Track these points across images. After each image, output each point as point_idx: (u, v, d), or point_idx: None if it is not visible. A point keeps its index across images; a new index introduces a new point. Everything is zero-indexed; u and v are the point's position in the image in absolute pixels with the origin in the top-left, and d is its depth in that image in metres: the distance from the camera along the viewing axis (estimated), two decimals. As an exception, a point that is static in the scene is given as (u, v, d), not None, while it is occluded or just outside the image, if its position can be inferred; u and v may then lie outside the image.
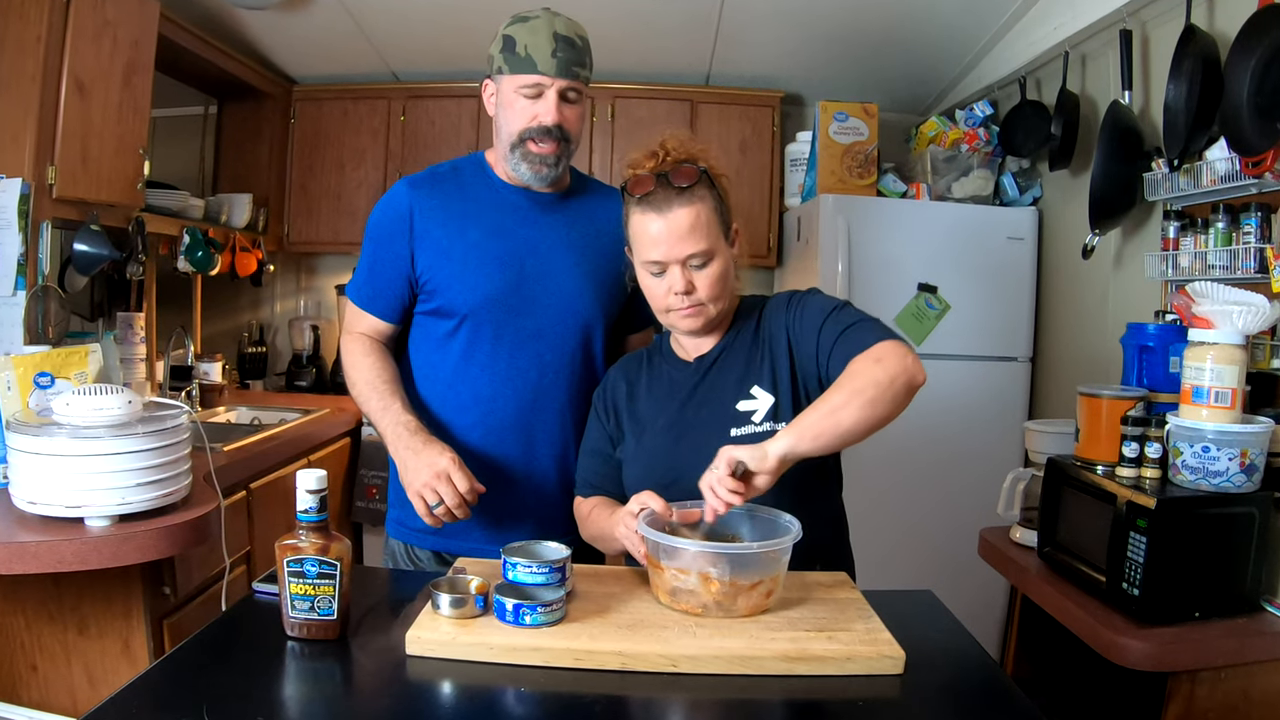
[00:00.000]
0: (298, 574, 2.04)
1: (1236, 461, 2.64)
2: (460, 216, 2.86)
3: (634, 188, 2.49)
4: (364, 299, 2.95)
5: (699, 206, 2.44)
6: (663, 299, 2.52)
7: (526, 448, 2.89)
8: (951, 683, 2.05)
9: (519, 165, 2.81)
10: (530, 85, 2.75)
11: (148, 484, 2.86)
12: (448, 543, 2.93)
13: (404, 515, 2.96)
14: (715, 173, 2.54)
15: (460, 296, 2.82)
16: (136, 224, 4.55)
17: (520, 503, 2.90)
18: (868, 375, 2.26)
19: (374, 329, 2.95)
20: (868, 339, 2.37)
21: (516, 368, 2.85)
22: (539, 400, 2.88)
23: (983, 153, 5.47)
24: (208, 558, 3.53)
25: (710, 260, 2.47)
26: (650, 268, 2.51)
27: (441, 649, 1.99)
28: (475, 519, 2.77)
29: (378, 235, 2.91)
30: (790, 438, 2.21)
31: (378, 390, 2.81)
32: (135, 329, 4.88)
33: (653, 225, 2.45)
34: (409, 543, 3.00)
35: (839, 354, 2.40)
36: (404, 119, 6.34)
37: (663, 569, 2.17)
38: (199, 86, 6.12)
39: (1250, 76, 3.21)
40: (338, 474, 5.56)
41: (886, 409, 2.26)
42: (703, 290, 2.48)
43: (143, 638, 3.15)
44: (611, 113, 6.32)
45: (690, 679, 1.93)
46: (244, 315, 6.90)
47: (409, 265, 2.85)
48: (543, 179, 2.83)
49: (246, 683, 1.89)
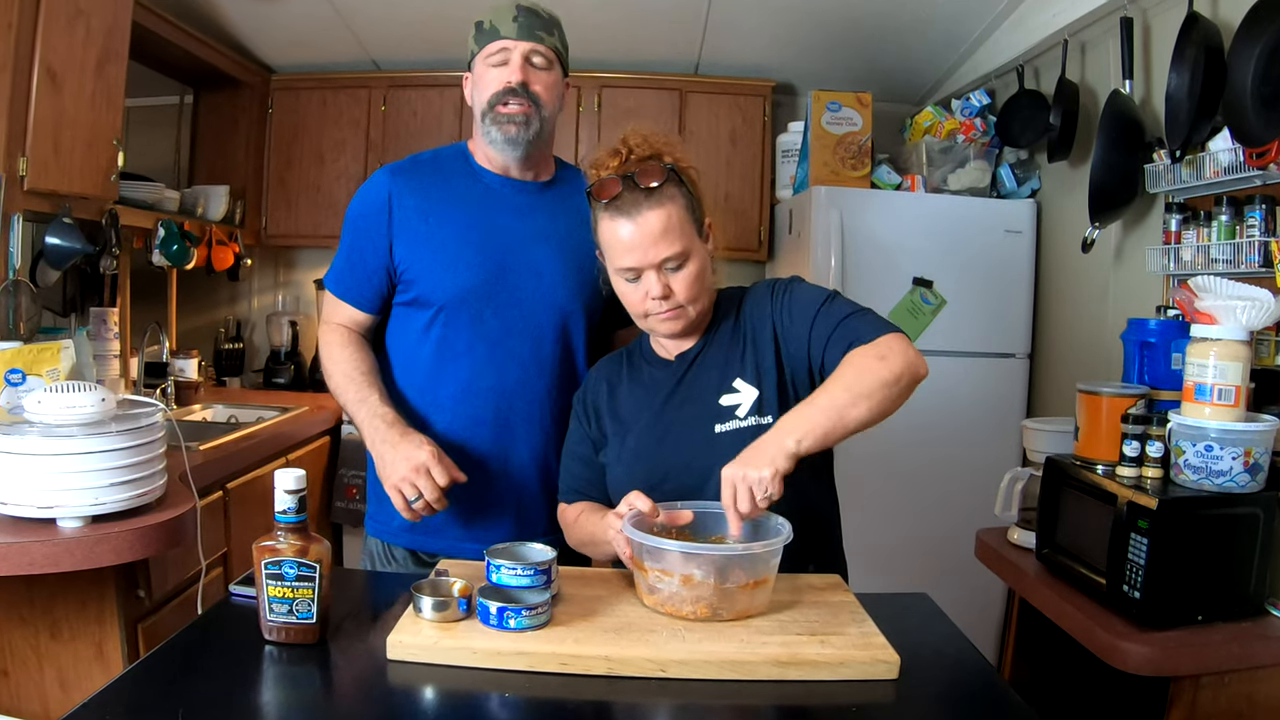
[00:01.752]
0: (276, 576, 2.03)
1: (1240, 461, 2.65)
2: (440, 205, 2.87)
3: (600, 192, 2.47)
4: (342, 289, 2.95)
5: (669, 208, 2.42)
6: (640, 304, 2.51)
7: (505, 442, 2.89)
8: (948, 688, 2.05)
9: (490, 132, 2.83)
10: (495, 52, 2.81)
11: (122, 484, 2.85)
12: (424, 541, 2.94)
13: (379, 512, 2.97)
14: (683, 166, 2.52)
15: (438, 286, 2.83)
16: (110, 217, 4.54)
17: (498, 498, 2.90)
18: (874, 375, 2.26)
19: (352, 320, 2.95)
20: (866, 333, 2.37)
21: (495, 360, 2.85)
22: (518, 393, 2.88)
23: (979, 143, 5.48)
24: (183, 560, 3.53)
25: (686, 261, 2.46)
26: (625, 274, 2.50)
27: (423, 653, 1.99)
28: (453, 515, 2.81)
29: (356, 224, 2.92)
30: (801, 445, 2.19)
31: (355, 382, 2.81)
32: (109, 325, 4.87)
33: (623, 231, 2.44)
34: (386, 540, 3.00)
35: (836, 346, 2.40)
36: (385, 109, 6.32)
37: (648, 571, 2.17)
38: (174, 76, 6.10)
39: (1254, 65, 3.22)
40: (317, 474, 5.54)
41: (892, 407, 2.28)
42: (681, 293, 2.47)
43: (116, 642, 3.14)
44: (598, 102, 6.31)
45: (679, 684, 1.92)
46: (220, 310, 6.90)
47: (387, 254, 2.86)
48: (515, 143, 2.83)
49: (223, 688, 1.89)
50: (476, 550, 2.30)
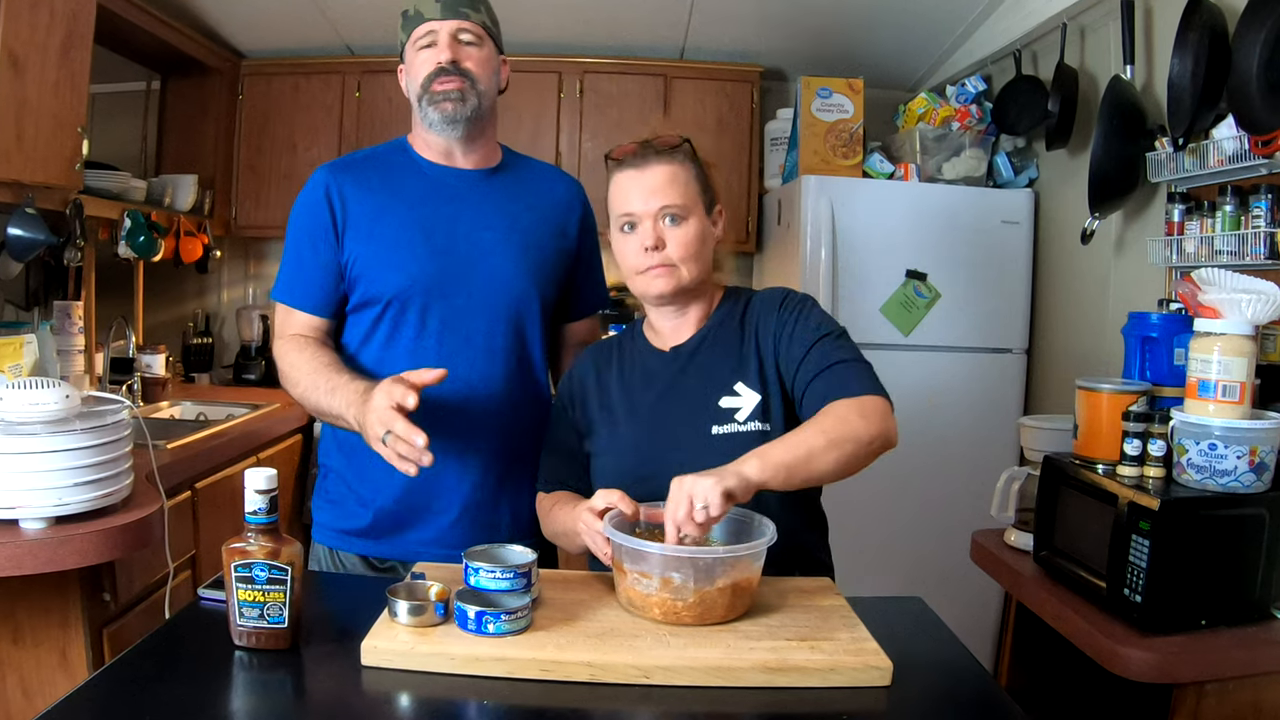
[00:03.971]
0: (246, 580, 2.03)
1: (1245, 460, 2.65)
2: (382, 199, 2.88)
3: (617, 154, 2.59)
4: (293, 295, 2.93)
5: (677, 166, 2.54)
6: (633, 257, 2.56)
7: (461, 436, 2.86)
8: (942, 695, 2.06)
9: (428, 114, 2.85)
10: (422, 36, 2.86)
11: (86, 484, 2.84)
12: (376, 546, 2.94)
13: (328, 518, 3.00)
14: (701, 156, 2.63)
15: (384, 280, 2.83)
16: (74, 207, 4.52)
17: (450, 499, 2.90)
18: (850, 428, 2.33)
19: (307, 327, 2.92)
20: (855, 386, 2.44)
21: (446, 353, 2.84)
22: (471, 387, 2.86)
23: (975, 131, 5.48)
24: (150, 562, 3.52)
25: (685, 219, 2.53)
26: (622, 222, 2.57)
27: (399, 659, 1.98)
28: (409, 518, 2.86)
29: (299, 225, 2.92)
30: (760, 474, 2.20)
31: (323, 375, 2.74)
32: (73, 319, 4.85)
33: (628, 180, 2.54)
34: (333, 547, 3.01)
35: (820, 386, 2.46)
36: (359, 95, 6.32)
37: (628, 573, 2.18)
38: (141, 61, 6.08)
39: (1260, 49, 3.22)
40: (289, 473, 5.55)
41: (855, 467, 2.36)
42: (674, 248, 2.52)
43: (81, 647, 3.13)
44: (580, 88, 6.29)
45: (663, 691, 1.92)
46: (189, 304, 6.88)
47: (334, 252, 2.86)
48: (453, 121, 2.84)
49: (192, 695, 1.88)
50: (435, 556, 2.29)
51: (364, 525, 2.90)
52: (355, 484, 2.94)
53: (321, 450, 3.11)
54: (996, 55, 5.56)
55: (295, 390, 2.84)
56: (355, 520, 2.90)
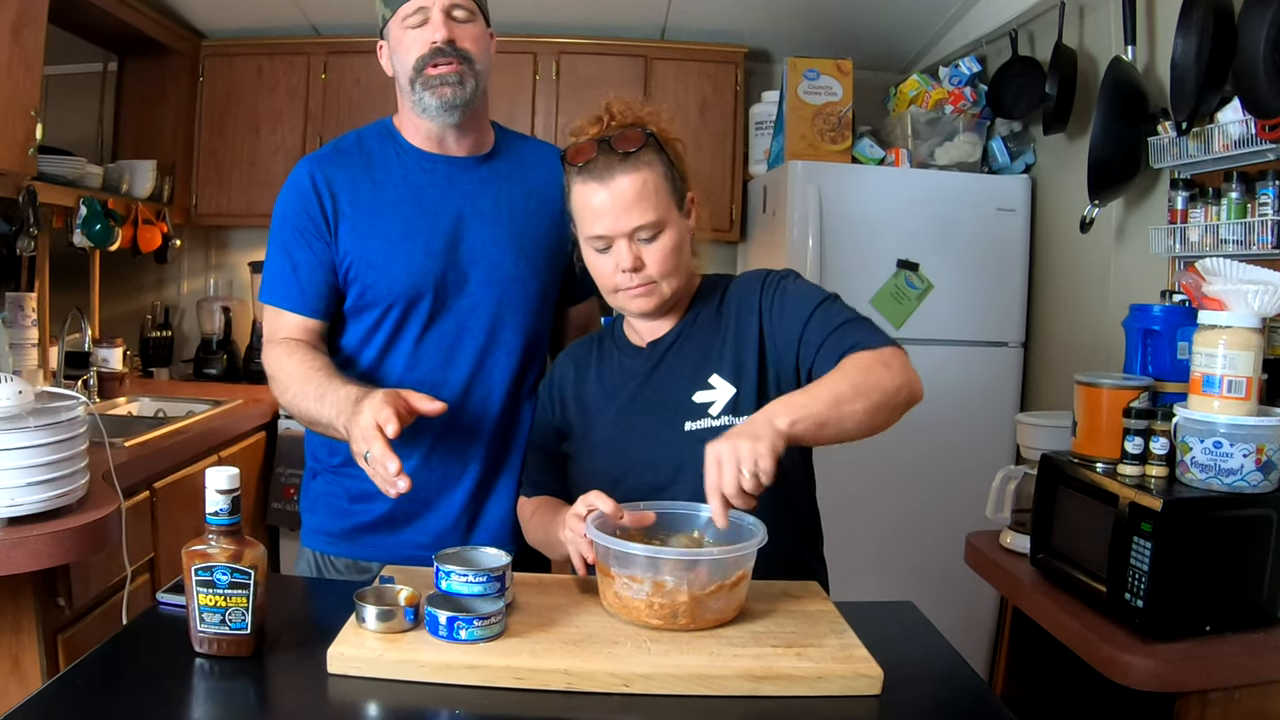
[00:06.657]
0: (207, 584, 2.02)
1: (1252, 458, 2.65)
2: (374, 190, 2.83)
3: (574, 156, 2.48)
4: (281, 296, 2.85)
5: (645, 173, 2.43)
6: (610, 277, 2.51)
7: (458, 437, 2.86)
8: (935, 704, 2.06)
9: (424, 99, 2.77)
10: (412, 12, 2.75)
11: (40, 483, 2.84)
12: (368, 550, 2.92)
13: (315, 522, 2.97)
14: (666, 137, 2.53)
15: (384, 283, 2.80)
16: (27, 194, 4.50)
17: (449, 500, 2.89)
18: (875, 378, 2.28)
19: (299, 329, 2.85)
20: (868, 340, 2.39)
21: (445, 354, 2.84)
22: (471, 386, 2.86)
23: (969, 115, 5.49)
24: (107, 565, 3.51)
25: (660, 232, 2.46)
26: (595, 244, 2.50)
27: (367, 667, 1.98)
28: (404, 520, 2.84)
29: (286, 221, 2.85)
30: (789, 424, 2.15)
31: (313, 381, 2.66)
32: (26, 311, 4.83)
33: (595, 197, 2.44)
34: (322, 551, 2.98)
35: (831, 348, 2.41)
36: (325, 77, 6.31)
37: (613, 577, 2.17)
38: (97, 41, 6.06)
39: (1267, 30, 3.22)
40: (252, 472, 5.54)
41: (884, 420, 2.29)
42: (653, 266, 2.47)
43: (34, 654, 3.13)
44: (556, 70, 6.31)
45: (644, 700, 1.92)
46: (147, 295, 6.84)
47: (326, 248, 2.81)
48: (451, 107, 2.77)
49: (149, 704, 1.88)
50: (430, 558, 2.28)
51: (355, 528, 2.89)
52: (348, 485, 2.91)
53: (309, 450, 3.07)
54: (992, 35, 5.55)
55: (284, 397, 2.78)
56: (346, 522, 2.89)
